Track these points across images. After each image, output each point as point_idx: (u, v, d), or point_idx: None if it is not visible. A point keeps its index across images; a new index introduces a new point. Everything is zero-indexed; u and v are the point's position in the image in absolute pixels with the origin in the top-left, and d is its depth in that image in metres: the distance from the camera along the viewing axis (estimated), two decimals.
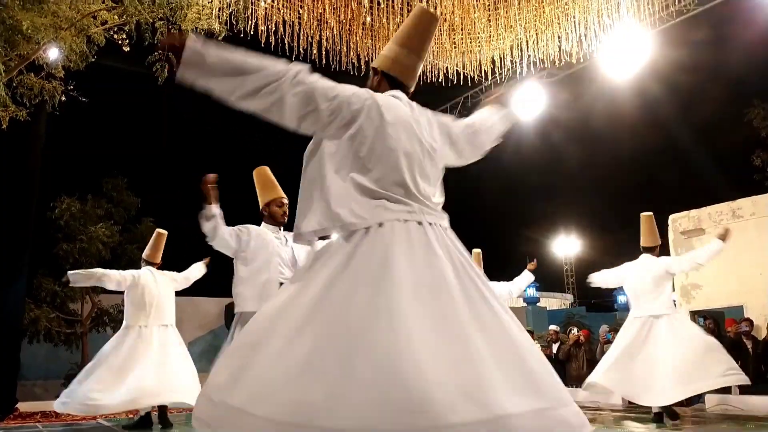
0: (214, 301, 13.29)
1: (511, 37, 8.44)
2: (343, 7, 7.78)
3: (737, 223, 9.53)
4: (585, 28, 8.08)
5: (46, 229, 10.85)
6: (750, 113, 13.66)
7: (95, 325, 11.46)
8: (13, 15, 4.94)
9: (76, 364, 11.20)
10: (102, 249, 10.81)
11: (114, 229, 11.19)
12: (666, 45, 9.76)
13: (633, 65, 9.35)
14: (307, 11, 7.67)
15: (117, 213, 11.73)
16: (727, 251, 6.10)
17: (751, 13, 9.75)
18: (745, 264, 9.32)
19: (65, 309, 11.10)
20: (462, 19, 8.30)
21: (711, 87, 18.34)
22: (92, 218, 11.06)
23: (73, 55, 5.77)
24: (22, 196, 9.09)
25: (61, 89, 6.21)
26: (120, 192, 11.97)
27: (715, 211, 10.02)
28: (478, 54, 8.79)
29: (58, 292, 10.66)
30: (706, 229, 9.96)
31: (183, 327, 6.27)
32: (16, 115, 6.01)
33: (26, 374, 10.98)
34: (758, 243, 9.31)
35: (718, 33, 13.05)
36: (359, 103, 2.03)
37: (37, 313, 10.39)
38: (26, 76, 6.05)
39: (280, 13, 7.44)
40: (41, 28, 5.08)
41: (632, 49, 9.01)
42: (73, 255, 10.64)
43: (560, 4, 8.00)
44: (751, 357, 8.50)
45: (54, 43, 5.60)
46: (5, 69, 5.32)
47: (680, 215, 10.46)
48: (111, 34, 6.02)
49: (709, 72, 16.88)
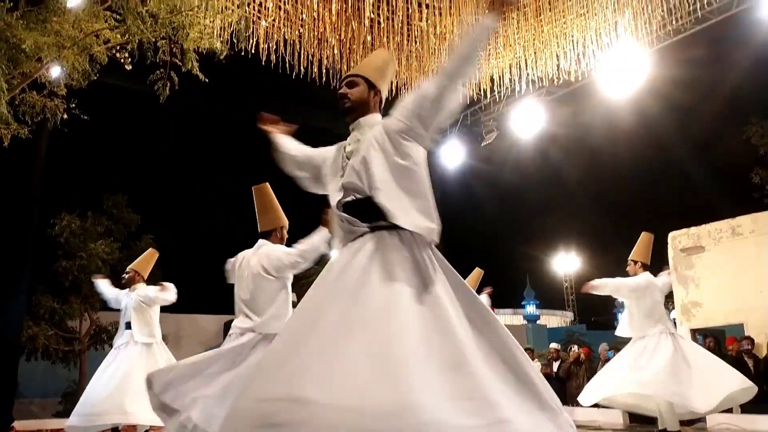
0: (214, 318, 13.24)
1: (509, 55, 8.51)
2: (344, 27, 7.85)
3: (737, 240, 9.53)
4: (583, 46, 8.14)
5: (46, 246, 10.86)
6: (748, 131, 13.72)
7: (93, 342, 11.42)
8: (17, 34, 4.99)
9: (74, 381, 11.14)
10: (101, 266, 10.80)
11: (114, 246, 11.20)
12: (664, 63, 9.83)
13: (631, 83, 9.41)
14: (307, 30, 7.73)
15: (117, 230, 11.75)
16: (727, 269, 6.10)
17: (748, 31, 9.83)
18: (745, 282, 9.30)
19: (64, 326, 11.07)
20: (461, 38, 8.36)
21: (709, 105, 18.45)
22: (92, 235, 11.07)
23: (75, 74, 5.81)
24: (23, 213, 9.10)
25: (63, 107, 6.24)
26: (120, 209, 12.00)
27: (714, 228, 10.02)
28: (477, 72, 8.85)
29: (56, 309, 10.65)
30: (706, 246, 9.96)
31: (182, 344, 6.25)
32: (17, 133, 6.04)
33: (23, 392, 10.91)
34: (758, 261, 9.30)
35: (716, 51, 13.16)
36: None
37: (36, 330, 10.36)
38: (28, 94, 6.08)
39: (281, 32, 7.50)
40: (44, 47, 5.13)
41: (630, 68, 9.07)
42: (73, 272, 10.64)
43: (559, 23, 8.07)
44: (752, 375, 8.45)
45: (56, 62, 5.64)
46: (8, 87, 5.36)
47: (680, 233, 10.46)
48: (113, 53, 6.07)
49: (706, 90, 17.00)
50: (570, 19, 7.92)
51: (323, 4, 7.59)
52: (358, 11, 7.75)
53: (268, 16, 7.26)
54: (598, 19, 7.75)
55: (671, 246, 10.45)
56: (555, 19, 7.97)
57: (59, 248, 10.91)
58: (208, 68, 6.23)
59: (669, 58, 9.88)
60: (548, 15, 7.96)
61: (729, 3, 8.82)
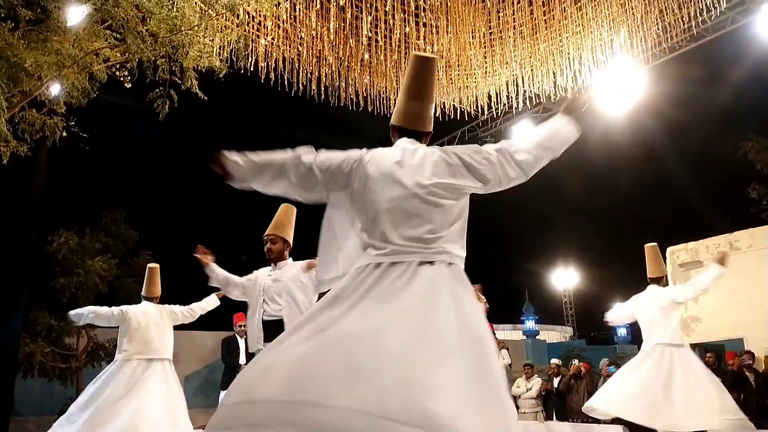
0: (211, 335, 13.16)
1: (506, 73, 8.58)
2: (342, 45, 7.92)
3: (735, 255, 9.53)
4: (579, 64, 8.22)
5: (44, 263, 10.83)
6: (744, 146, 13.78)
7: (91, 359, 11.34)
8: (18, 53, 5.03)
9: (71, 399, 11.04)
10: (99, 283, 10.77)
11: (111, 263, 11.17)
12: (659, 80, 9.93)
13: (627, 100, 9.49)
14: (306, 48, 7.80)
15: (115, 246, 11.71)
16: (725, 284, 6.11)
17: (743, 48, 9.94)
18: (745, 296, 9.31)
19: (60, 343, 11.00)
20: (458, 56, 8.46)
21: (705, 121, 18.56)
22: (90, 252, 11.04)
23: (75, 92, 5.85)
24: (21, 230, 9.10)
25: (62, 125, 6.26)
26: (118, 225, 11.98)
27: (712, 243, 10.05)
28: (475, 90, 8.92)
29: (53, 326, 10.58)
30: (704, 261, 9.98)
31: (179, 360, 6.21)
32: (16, 150, 6.05)
33: (19, 410, 10.82)
34: (757, 275, 9.32)
35: (711, 68, 13.28)
36: (349, 167, 2.38)
37: (32, 347, 10.29)
38: (28, 111, 6.11)
39: (280, 50, 7.57)
40: (45, 66, 5.16)
41: (626, 85, 9.16)
42: (70, 289, 10.59)
43: (555, 41, 8.15)
44: (753, 390, 8.43)
45: (56, 80, 5.68)
46: (8, 105, 5.38)
47: (678, 247, 10.49)
48: (113, 71, 6.11)
49: (702, 106, 17.10)
50: (566, 37, 8.00)
51: (322, 23, 7.66)
52: (356, 30, 7.83)
53: (267, 35, 7.32)
54: (593, 37, 7.83)
55: (669, 261, 10.47)
56: (551, 37, 8.05)
57: (56, 265, 10.87)
58: (208, 86, 6.27)
59: (665, 75, 9.98)
60: (544, 33, 8.05)
61: (723, 20, 8.93)
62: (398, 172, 2.30)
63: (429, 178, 2.29)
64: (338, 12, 7.67)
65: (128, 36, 5.54)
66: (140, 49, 5.53)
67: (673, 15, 7.31)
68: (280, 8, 6.92)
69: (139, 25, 5.61)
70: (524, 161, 2.42)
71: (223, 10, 6.01)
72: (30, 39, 5.36)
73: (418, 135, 2.50)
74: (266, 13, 6.77)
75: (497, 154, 2.40)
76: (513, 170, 2.42)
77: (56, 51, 5.37)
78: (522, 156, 2.42)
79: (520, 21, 8.14)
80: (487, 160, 2.38)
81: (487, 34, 8.42)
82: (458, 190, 2.33)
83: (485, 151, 2.41)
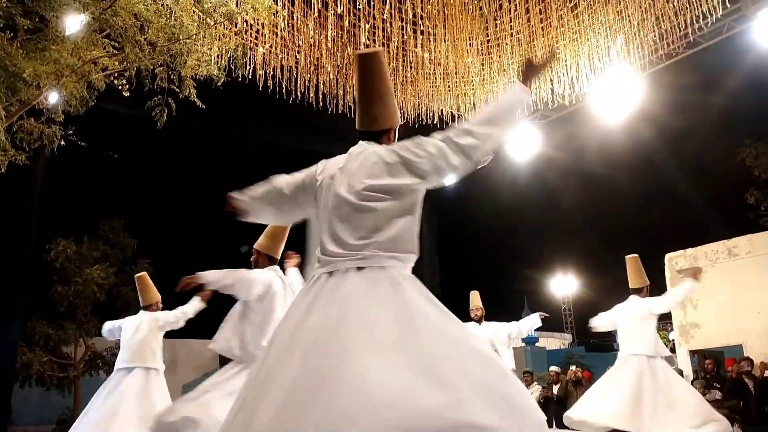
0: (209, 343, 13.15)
1: (504, 80, 8.61)
2: (340, 53, 7.95)
3: (733, 261, 9.56)
4: (576, 71, 8.25)
5: (42, 272, 10.81)
6: (742, 152, 13.82)
7: (89, 368, 11.32)
8: (16, 62, 5.04)
9: (69, 408, 11.01)
10: (97, 291, 10.76)
11: (109, 271, 11.16)
12: (656, 87, 9.96)
13: (624, 107, 9.52)
14: (304, 56, 7.83)
15: (113, 255, 11.71)
16: (724, 290, 6.13)
17: (739, 55, 9.98)
18: (743, 303, 9.30)
19: (58, 352, 10.97)
20: (456, 63, 8.49)
21: (702, 127, 18.60)
22: (88, 260, 11.04)
23: (73, 101, 5.86)
24: (19, 239, 9.08)
25: (61, 134, 6.27)
26: (116, 234, 11.98)
27: (711, 249, 10.06)
28: (472, 96, 8.95)
29: (51, 335, 10.56)
30: (703, 267, 9.97)
31: (177, 369, 6.19)
32: (15, 159, 6.05)
33: (17, 420, 10.78)
34: (755, 282, 9.31)
35: (708, 75, 13.33)
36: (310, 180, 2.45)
37: (30, 356, 10.26)
38: (26, 120, 6.11)
39: (278, 59, 7.59)
40: (43, 75, 5.17)
41: (623, 92, 9.18)
42: (68, 297, 10.58)
43: (552, 48, 8.19)
44: (753, 397, 8.40)
45: (55, 89, 5.68)
46: (6, 114, 5.39)
47: (676, 254, 10.50)
48: (111, 80, 6.12)
49: (700, 113, 17.16)
50: (563, 44, 8.04)
51: (319, 31, 7.69)
52: (354, 38, 7.85)
53: (265, 43, 7.34)
54: (590, 44, 7.87)
55: (668, 267, 10.47)
56: (548, 44, 8.08)
57: (54, 273, 10.86)
58: (206, 94, 6.28)
59: (661, 82, 10.02)
60: (541, 40, 8.08)
61: (720, 28, 8.97)
62: (336, 180, 2.33)
63: (362, 182, 2.26)
64: (336, 20, 7.70)
65: (126, 45, 5.55)
66: (138, 57, 5.54)
67: (669, 22, 7.34)
68: (278, 17, 6.95)
69: (138, 34, 5.62)
70: (467, 145, 2.29)
71: (221, 19, 6.02)
72: (28, 48, 5.37)
73: (373, 135, 2.46)
74: (264, 22, 6.79)
75: (441, 144, 2.30)
76: (456, 157, 2.29)
77: (54, 60, 5.38)
78: (464, 140, 2.29)
79: (517, 28, 8.18)
80: (426, 151, 2.29)
81: (484, 42, 8.46)
82: (396, 190, 2.26)
83: (426, 142, 2.32)
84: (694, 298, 10.05)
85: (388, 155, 2.31)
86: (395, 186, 2.26)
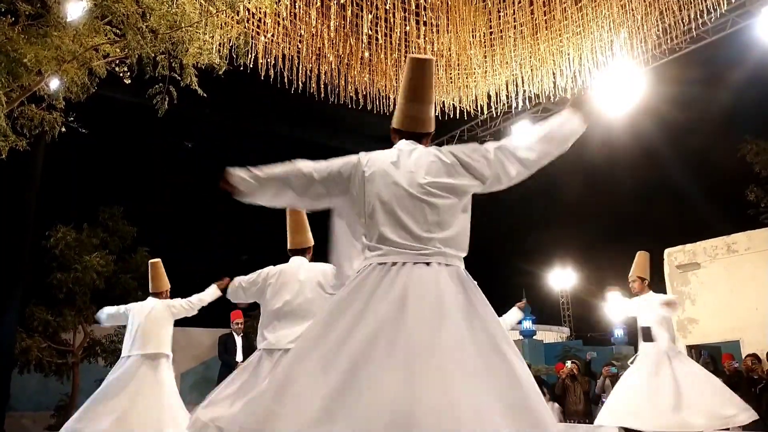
0: (208, 332, 13.15)
1: (506, 72, 8.58)
2: (342, 43, 7.91)
3: (732, 257, 9.57)
4: (579, 64, 8.22)
5: (41, 258, 10.82)
6: (743, 149, 13.79)
7: (87, 355, 11.34)
8: (17, 48, 5.02)
9: (67, 395, 11.05)
10: (96, 278, 10.76)
11: (109, 259, 11.16)
12: (659, 82, 9.93)
13: (627, 101, 9.50)
14: (306, 46, 7.79)
15: (112, 242, 11.71)
16: (723, 286, 6.14)
17: (743, 51, 9.95)
18: (741, 299, 9.33)
19: (57, 339, 10.99)
20: (458, 55, 8.45)
21: (704, 123, 18.59)
22: (87, 247, 11.03)
23: (74, 87, 5.83)
24: (18, 225, 9.09)
25: (62, 120, 6.25)
26: (116, 221, 11.97)
27: (710, 245, 10.07)
28: (474, 89, 8.91)
29: (50, 321, 10.57)
30: (702, 263, 10.00)
31: (175, 358, 6.19)
32: (15, 145, 6.04)
33: (15, 405, 10.81)
34: (754, 278, 9.33)
35: (711, 70, 13.30)
36: (348, 171, 2.39)
37: (29, 342, 10.29)
38: (27, 107, 6.09)
39: (279, 48, 7.56)
40: (44, 61, 5.15)
41: (626, 86, 9.16)
42: (67, 284, 10.59)
43: (555, 42, 8.15)
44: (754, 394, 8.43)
45: (56, 75, 5.66)
46: (7, 100, 5.37)
47: (675, 249, 10.51)
48: (112, 67, 6.10)
49: (702, 108, 17.13)
50: (566, 37, 8.00)
51: (322, 21, 7.65)
52: (357, 28, 7.82)
53: (266, 32, 7.31)
54: (593, 37, 7.83)
55: (667, 262, 10.49)
56: (551, 37, 8.05)
57: (54, 260, 10.86)
58: (207, 83, 6.26)
59: (664, 77, 9.99)
60: (544, 33, 8.04)
61: (724, 23, 8.94)
62: (394, 173, 2.31)
63: (423, 177, 2.28)
64: (338, 10, 7.66)
65: (128, 32, 5.52)
66: (140, 45, 5.51)
67: (673, 17, 7.31)
68: (280, 5, 6.91)
69: (139, 21, 5.59)
70: (526, 158, 2.42)
71: (223, 7, 5.99)
72: (30, 34, 5.34)
73: (418, 136, 2.51)
74: (266, 10, 6.76)
75: (496, 152, 2.39)
76: (514, 167, 2.41)
77: (56, 46, 5.35)
78: (524, 153, 2.41)
79: (520, 21, 8.14)
80: (485, 157, 2.37)
81: (487, 34, 8.42)
82: (456, 189, 2.31)
83: (483, 149, 2.40)
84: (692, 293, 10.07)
85: (444, 156, 2.35)
86: (456, 185, 2.32)
